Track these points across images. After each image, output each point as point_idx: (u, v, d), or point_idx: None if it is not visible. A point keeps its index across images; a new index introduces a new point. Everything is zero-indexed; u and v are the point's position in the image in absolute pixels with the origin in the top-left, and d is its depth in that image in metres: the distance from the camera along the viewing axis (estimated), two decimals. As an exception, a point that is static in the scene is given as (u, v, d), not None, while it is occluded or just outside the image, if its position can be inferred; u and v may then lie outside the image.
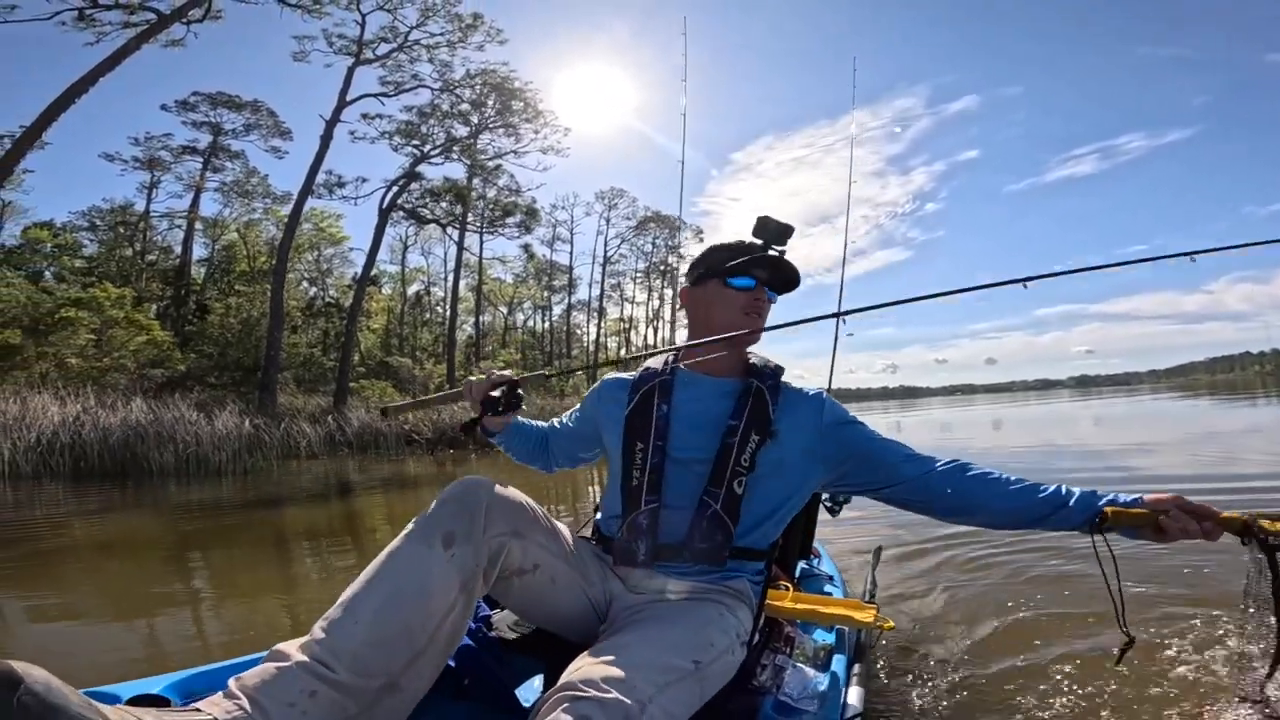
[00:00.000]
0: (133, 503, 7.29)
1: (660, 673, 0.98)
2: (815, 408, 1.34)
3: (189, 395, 14.23)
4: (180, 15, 17.46)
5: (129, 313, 15.45)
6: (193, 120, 23.31)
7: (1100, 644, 2.13)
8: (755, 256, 1.37)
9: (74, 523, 5.92)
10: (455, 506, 1.07)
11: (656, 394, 1.37)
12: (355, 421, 15.68)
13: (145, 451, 9.68)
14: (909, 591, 2.90)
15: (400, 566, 1.01)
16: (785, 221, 1.42)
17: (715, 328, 1.37)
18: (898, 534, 3.94)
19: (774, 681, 1.30)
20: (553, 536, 1.21)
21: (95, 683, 1.04)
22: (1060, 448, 10.06)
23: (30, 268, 20.36)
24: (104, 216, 22.68)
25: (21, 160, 13.80)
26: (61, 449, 9.14)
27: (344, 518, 6.33)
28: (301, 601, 3.24)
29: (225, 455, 10.46)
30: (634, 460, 1.33)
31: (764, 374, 1.38)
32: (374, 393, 20.32)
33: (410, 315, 31.74)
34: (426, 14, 19.95)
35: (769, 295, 1.41)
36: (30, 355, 13.37)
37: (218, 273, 24.84)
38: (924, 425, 21.00)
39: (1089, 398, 47.57)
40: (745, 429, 1.29)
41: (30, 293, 14.66)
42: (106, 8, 17.04)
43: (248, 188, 24.85)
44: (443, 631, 1.00)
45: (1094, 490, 1.17)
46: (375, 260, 21.55)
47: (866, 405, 59.07)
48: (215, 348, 17.69)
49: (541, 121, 22.59)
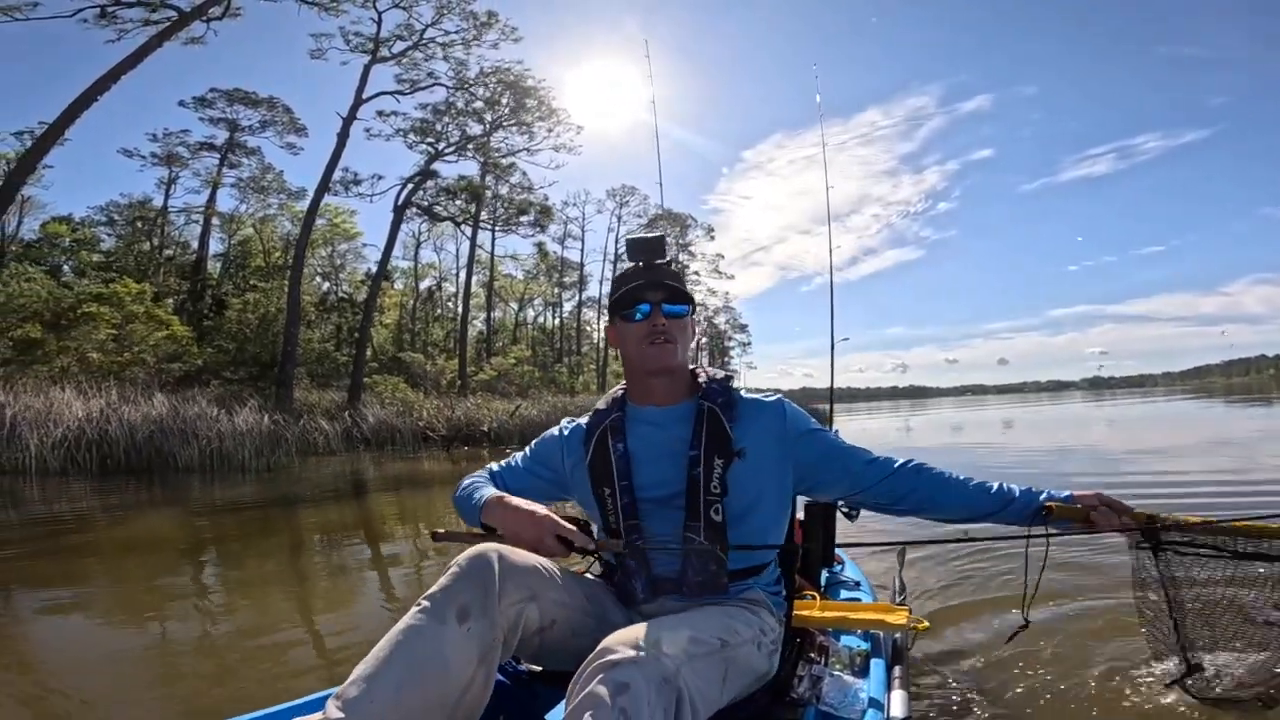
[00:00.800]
0: (161, 500, 7.40)
1: (689, 643, 1.01)
2: (777, 415, 1.33)
3: (205, 390, 14.36)
4: (201, 13, 17.55)
5: (149, 308, 15.58)
6: (210, 117, 23.41)
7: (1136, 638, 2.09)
8: (632, 285, 1.33)
9: (106, 519, 6.01)
10: (468, 580, 1.05)
11: (610, 435, 1.34)
12: (371, 418, 15.81)
13: (170, 448, 9.79)
14: (940, 591, 2.91)
15: (416, 643, 0.98)
16: (651, 235, 1.39)
17: (634, 363, 1.35)
18: (917, 535, 3.90)
19: (813, 692, 1.29)
20: (567, 589, 1.19)
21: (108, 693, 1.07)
22: (1070, 450, 10.00)
23: (49, 262, 20.58)
24: (122, 212, 22.86)
25: (45, 156, 13.92)
26: (87, 445, 9.26)
27: (380, 517, 6.39)
28: (352, 618, 3.29)
29: (248, 451, 10.56)
30: (605, 505, 1.31)
31: (713, 392, 1.34)
32: (387, 388, 20.42)
33: (422, 311, 31.87)
34: (441, 11, 20.00)
35: (672, 312, 1.33)
36: (52, 350, 13.51)
37: (233, 268, 25.01)
38: (934, 426, 20.95)
39: (1102, 400, 47.23)
40: (707, 454, 1.26)
41: (51, 288, 14.81)
42: (128, 5, 17.15)
43: (263, 183, 24.99)
44: (463, 707, 0.99)
45: (1031, 488, 1.32)
46: (390, 257, 21.64)
47: (876, 405, 58.89)
48: (233, 343, 17.83)
49: (555, 120, 22.63)
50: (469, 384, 23.15)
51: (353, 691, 0.94)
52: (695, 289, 34.92)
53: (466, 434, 16.61)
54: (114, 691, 2.19)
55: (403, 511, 6.76)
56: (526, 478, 1.46)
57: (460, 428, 16.83)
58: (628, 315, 1.34)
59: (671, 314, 1.33)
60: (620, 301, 1.35)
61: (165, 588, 3.71)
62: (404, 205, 21.29)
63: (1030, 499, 1.29)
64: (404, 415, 16.72)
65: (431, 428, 16.48)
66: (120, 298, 14.78)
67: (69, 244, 22.02)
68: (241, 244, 25.42)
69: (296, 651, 2.63)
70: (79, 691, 2.17)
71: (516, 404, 19.48)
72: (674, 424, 1.33)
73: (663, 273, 1.35)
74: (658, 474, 1.30)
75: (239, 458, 10.40)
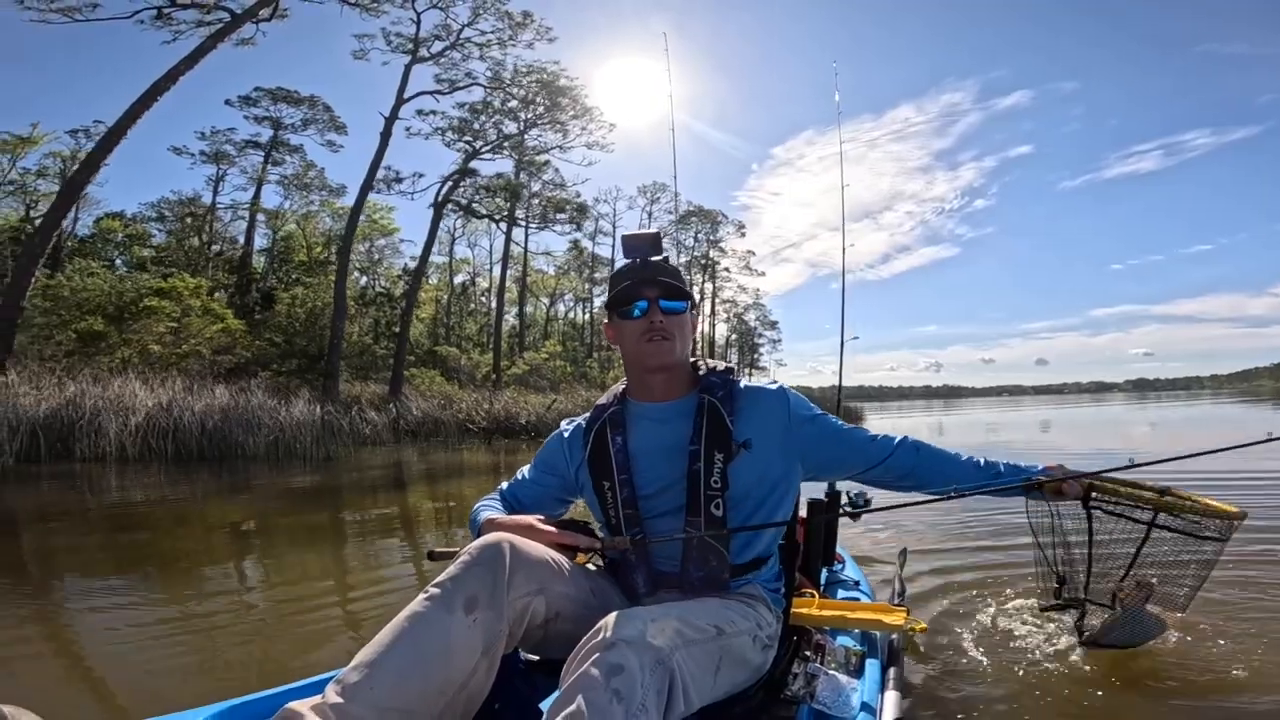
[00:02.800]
0: (242, 486, 7.74)
1: (684, 628, 1.03)
2: (780, 403, 1.33)
3: (252, 381, 14.86)
4: (252, 15, 18.09)
5: (205, 302, 16.14)
6: (254, 115, 24.08)
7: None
8: (629, 282, 1.31)
9: (203, 505, 6.36)
10: (478, 569, 1.04)
11: (609, 429, 1.34)
12: (415, 410, 16.24)
13: (238, 437, 10.22)
14: (939, 593, 2.88)
15: (421, 631, 0.98)
16: (648, 230, 1.38)
17: (632, 360, 1.34)
18: (921, 535, 3.92)
19: (807, 690, 1.30)
20: (574, 582, 1.19)
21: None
22: (1112, 455, 9.86)
23: (102, 257, 21.32)
24: (172, 208, 23.59)
25: (108, 155, 14.46)
26: (160, 433, 9.70)
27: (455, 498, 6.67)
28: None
29: (307, 441, 10.97)
30: (606, 500, 1.32)
31: (713, 386, 1.33)
32: (424, 381, 20.90)
33: (456, 305, 32.37)
34: (477, 12, 20.36)
35: (670, 308, 1.31)
36: (115, 342, 14.06)
37: (277, 262, 25.65)
38: (967, 426, 20.79)
39: (1146, 402, 45.72)
40: (707, 449, 1.26)
41: (113, 282, 15.41)
42: (183, 6, 17.77)
43: (306, 180, 25.62)
44: (462, 696, 0.99)
45: (1013, 463, 1.41)
46: (430, 254, 22.08)
47: (908, 404, 58.24)
48: (282, 336, 18.36)
49: (588, 118, 22.86)
50: (502, 378, 23.55)
51: (354, 677, 0.94)
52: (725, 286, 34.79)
53: (505, 426, 16.96)
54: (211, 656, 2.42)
55: (467, 501, 7.02)
56: (535, 489, 1.45)
57: (499, 420, 17.19)
58: (625, 312, 1.32)
59: (669, 310, 1.31)
60: (617, 298, 1.33)
61: (276, 566, 3.98)
62: (443, 203, 21.70)
63: (1015, 473, 1.39)
64: (445, 408, 17.14)
65: (471, 420, 16.85)
66: (179, 292, 15.33)
67: (121, 239, 22.81)
68: (285, 239, 26.08)
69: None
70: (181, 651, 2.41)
71: (552, 398, 19.79)
72: (674, 419, 1.32)
73: (659, 269, 1.32)
74: (658, 469, 1.29)
75: (299, 447, 10.80)
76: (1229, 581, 2.72)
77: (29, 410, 8.81)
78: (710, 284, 37.78)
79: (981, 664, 2.07)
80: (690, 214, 34.15)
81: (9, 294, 13.44)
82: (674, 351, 1.30)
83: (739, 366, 45.13)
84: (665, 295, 1.31)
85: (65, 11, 16.79)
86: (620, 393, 1.40)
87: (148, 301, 14.58)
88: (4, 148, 23.47)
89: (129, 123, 14.82)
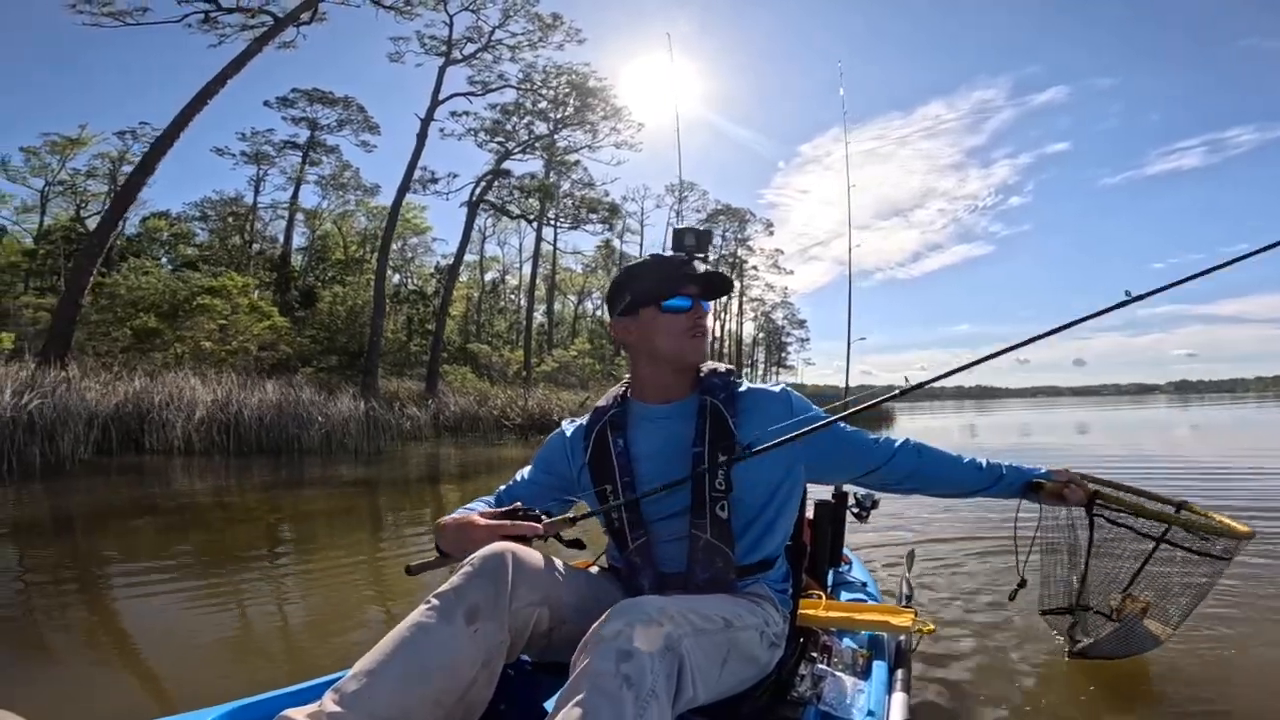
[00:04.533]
0: (308, 480, 8.04)
1: (693, 616, 1.02)
2: (783, 405, 1.31)
3: (293, 378, 15.27)
4: (294, 18, 18.53)
5: (252, 300, 16.60)
6: (291, 116, 24.65)
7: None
8: (688, 274, 1.30)
9: (274, 497, 6.64)
10: (479, 580, 1.03)
11: (610, 431, 1.32)
12: (452, 406, 16.59)
13: (292, 431, 10.56)
14: (947, 594, 2.87)
15: (420, 642, 0.97)
16: (702, 228, 1.37)
17: (661, 357, 1.31)
18: (929, 536, 3.93)
19: (813, 692, 1.29)
20: (577, 589, 1.18)
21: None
22: (1152, 457, 9.42)
23: (149, 255, 21.97)
24: (215, 207, 24.23)
25: (162, 158, 14.92)
26: (220, 427, 10.07)
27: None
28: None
29: (357, 435, 11.30)
30: (608, 503, 1.30)
31: (714, 387, 1.31)
32: (456, 378, 21.27)
33: (486, 303, 32.76)
34: (508, 14, 20.63)
35: (704, 307, 1.32)
36: (170, 338, 14.53)
37: (314, 261, 26.21)
38: (1000, 428, 20.58)
39: (1189, 404, 44.22)
40: (711, 452, 1.24)
41: (167, 280, 15.91)
42: (228, 10, 18.29)
43: (342, 180, 26.14)
44: (461, 707, 0.98)
45: (1016, 464, 1.45)
46: (464, 253, 22.41)
47: (939, 405, 57.43)
48: (325, 333, 18.81)
49: (618, 118, 23.02)
50: (533, 375, 23.85)
51: (352, 686, 0.94)
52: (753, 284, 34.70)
53: (540, 423, 17.23)
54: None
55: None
56: (533, 489, 1.41)
57: (533, 416, 17.46)
58: (672, 306, 1.28)
59: (706, 308, 1.32)
60: (662, 291, 1.29)
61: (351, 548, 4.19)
62: (477, 202, 22.03)
63: (1016, 475, 1.42)
64: (481, 404, 17.48)
65: (506, 416, 17.15)
66: (229, 290, 15.80)
67: (166, 238, 23.48)
68: (322, 238, 26.63)
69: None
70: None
71: (585, 396, 20.02)
72: (677, 420, 1.30)
73: (714, 272, 1.33)
74: (661, 471, 1.26)
75: (349, 441, 11.13)
76: (1228, 579, 2.74)
77: (99, 405, 9.19)
78: (738, 282, 37.77)
79: (989, 667, 2.07)
80: (719, 212, 34.19)
81: (68, 292, 13.95)
82: (708, 346, 1.32)
83: (766, 365, 45.31)
84: (706, 294, 1.32)
85: (117, 15, 17.41)
86: (620, 394, 1.38)
87: (200, 300, 15.04)
88: (54, 149, 24.34)
89: (182, 125, 15.27)
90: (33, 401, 8.32)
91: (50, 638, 2.62)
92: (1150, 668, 2.01)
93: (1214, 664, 2.08)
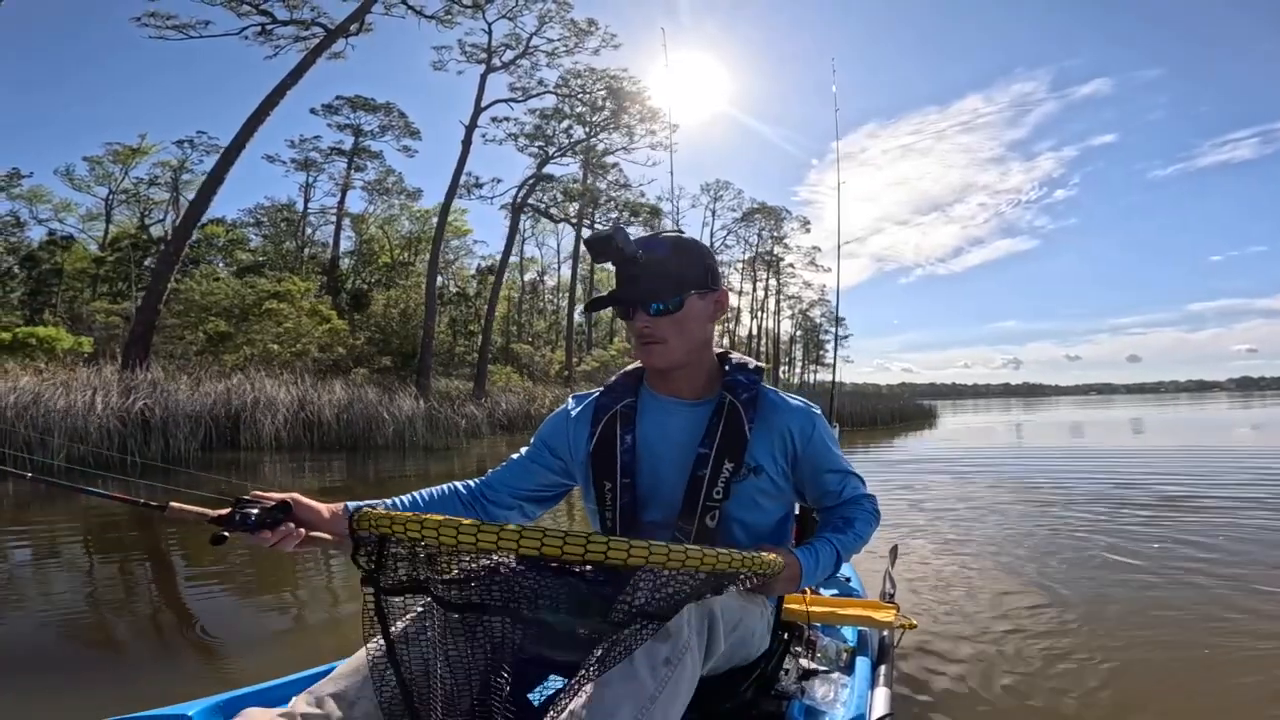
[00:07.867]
0: (403, 473, 8.50)
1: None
2: (804, 423, 1.25)
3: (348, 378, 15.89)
4: (343, 30, 19.21)
5: (314, 304, 17.28)
6: (336, 123, 25.42)
7: (1133, 637, 2.23)
8: (612, 290, 1.20)
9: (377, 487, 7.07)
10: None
11: (620, 423, 1.25)
12: (504, 404, 17.12)
13: (369, 429, 11.12)
14: (929, 589, 2.91)
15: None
16: (603, 232, 1.15)
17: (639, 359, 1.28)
18: (911, 532, 3.99)
19: (798, 686, 1.30)
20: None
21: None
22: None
23: (207, 261, 22.89)
24: (268, 213, 25.09)
25: (231, 167, 15.63)
26: (303, 425, 10.65)
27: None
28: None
29: (423, 432, 11.84)
30: (604, 500, 1.24)
31: (738, 387, 1.23)
32: (501, 377, 21.82)
33: (527, 303, 33.35)
34: (543, 20, 21.10)
35: (659, 309, 1.17)
36: (240, 341, 15.22)
37: (360, 264, 26.99)
38: (1043, 429, 20.25)
39: (1250, 402, 42.13)
40: (717, 456, 1.18)
41: (236, 285, 16.65)
42: (283, 23, 19.09)
43: (386, 185, 26.86)
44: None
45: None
46: (510, 257, 22.93)
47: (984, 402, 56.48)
48: (381, 335, 19.47)
49: (654, 120, 23.32)
50: (574, 374, 24.31)
51: (329, 688, 0.93)
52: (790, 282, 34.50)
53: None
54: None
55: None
56: (530, 469, 1.34)
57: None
58: (620, 314, 1.23)
59: (659, 312, 1.17)
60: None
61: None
62: (520, 206, 22.53)
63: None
64: (530, 402, 17.99)
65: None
66: (293, 295, 16.49)
67: (223, 244, 24.39)
68: (368, 242, 27.40)
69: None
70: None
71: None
72: (689, 418, 1.24)
73: (637, 269, 1.17)
74: (663, 471, 1.23)
75: (417, 438, 11.66)
76: (1226, 578, 2.89)
77: (197, 405, 9.79)
78: (775, 280, 37.88)
79: (971, 661, 2.11)
80: (754, 211, 34.30)
81: (148, 297, 14.70)
82: (667, 354, 1.19)
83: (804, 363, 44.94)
84: (647, 299, 1.17)
85: (180, 28, 18.31)
86: (638, 377, 1.31)
87: (268, 304, 15.73)
88: (116, 158, 25.46)
89: (248, 135, 15.98)
90: (139, 402, 8.92)
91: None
92: (1135, 664, 2.10)
93: (1202, 662, 2.14)
